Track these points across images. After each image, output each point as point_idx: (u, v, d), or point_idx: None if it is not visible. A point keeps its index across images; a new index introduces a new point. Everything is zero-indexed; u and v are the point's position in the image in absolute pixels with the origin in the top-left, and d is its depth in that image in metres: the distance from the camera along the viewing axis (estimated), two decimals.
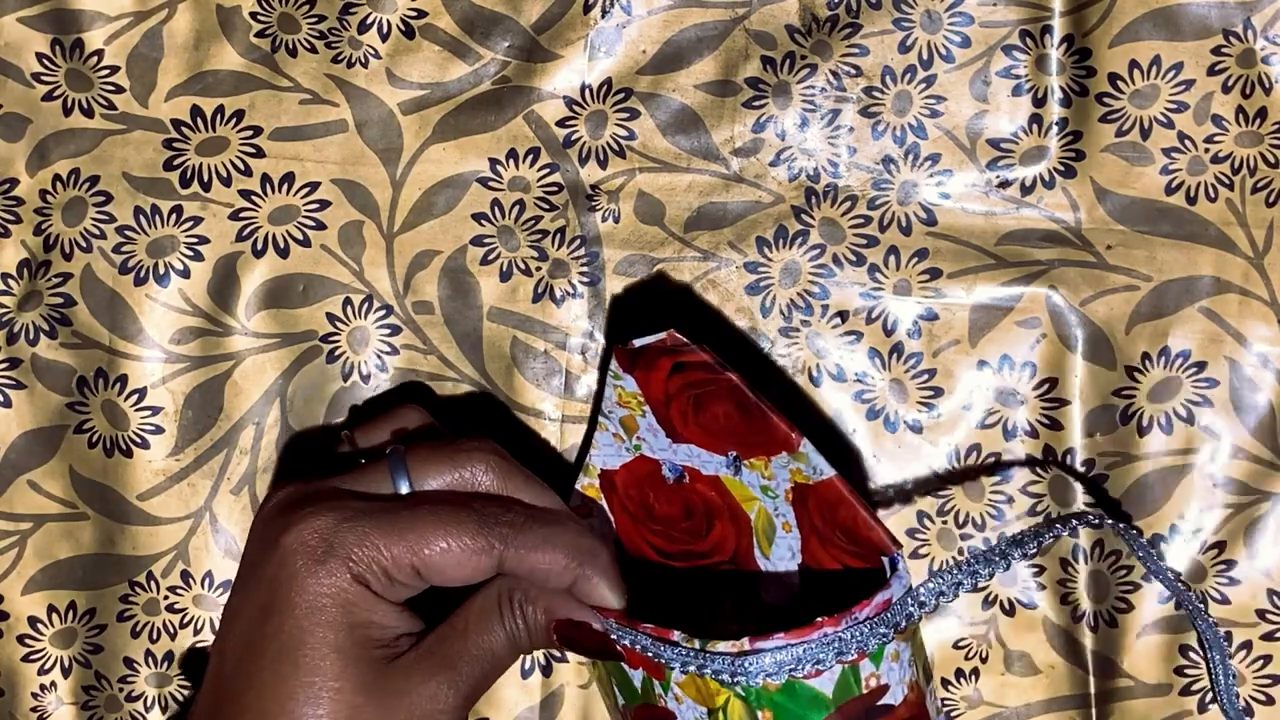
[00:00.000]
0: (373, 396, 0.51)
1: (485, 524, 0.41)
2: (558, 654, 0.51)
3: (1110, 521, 0.44)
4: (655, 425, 0.46)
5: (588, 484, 0.48)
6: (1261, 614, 0.50)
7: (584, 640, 0.42)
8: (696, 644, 0.39)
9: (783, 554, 0.46)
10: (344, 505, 0.41)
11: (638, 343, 0.45)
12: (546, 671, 0.52)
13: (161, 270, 0.51)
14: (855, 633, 0.39)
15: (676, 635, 0.39)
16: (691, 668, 0.39)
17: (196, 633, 0.52)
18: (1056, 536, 0.42)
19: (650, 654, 0.40)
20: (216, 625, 0.52)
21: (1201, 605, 0.48)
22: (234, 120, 0.51)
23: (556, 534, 0.42)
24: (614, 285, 0.51)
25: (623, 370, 0.45)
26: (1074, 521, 0.43)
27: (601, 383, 0.47)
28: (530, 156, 0.51)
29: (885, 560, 0.42)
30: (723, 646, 0.38)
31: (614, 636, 0.41)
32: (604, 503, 0.48)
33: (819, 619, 0.38)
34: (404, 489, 0.42)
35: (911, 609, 0.40)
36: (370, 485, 0.42)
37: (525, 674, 0.51)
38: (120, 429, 0.51)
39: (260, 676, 0.40)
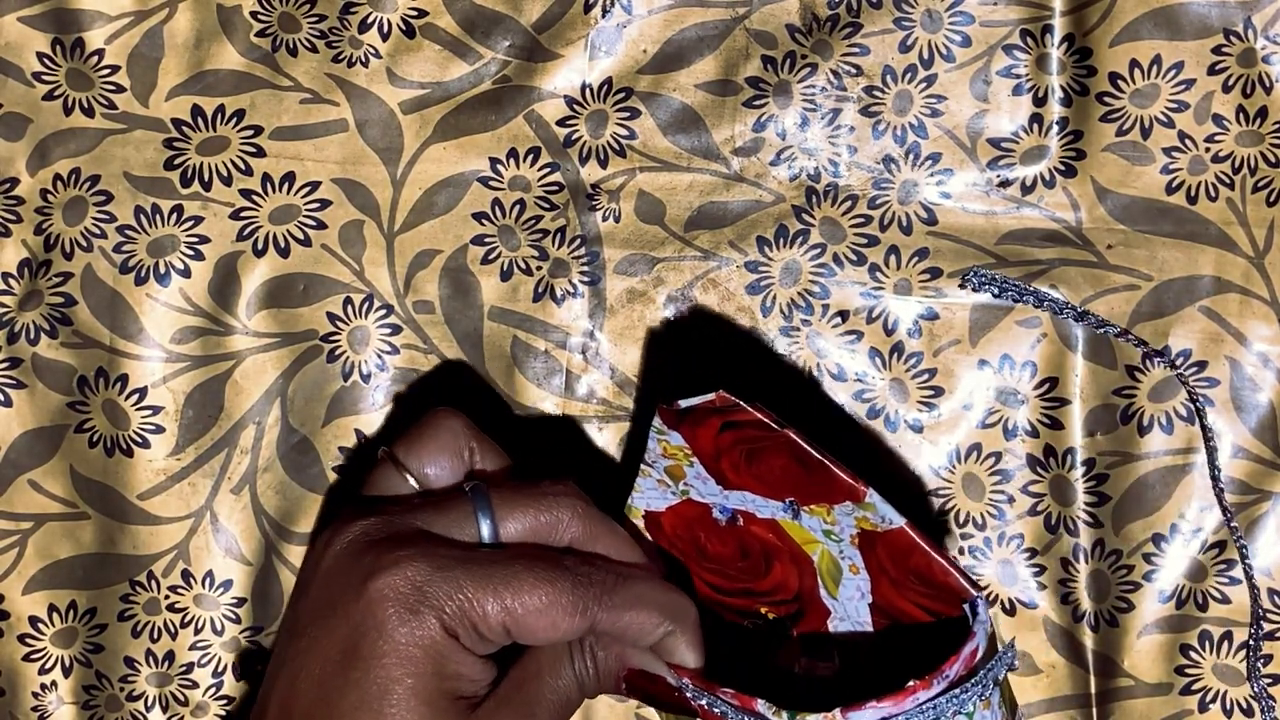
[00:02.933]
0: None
1: (579, 585, 0.40)
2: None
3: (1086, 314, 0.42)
4: (704, 474, 0.45)
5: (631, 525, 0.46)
6: (1263, 613, 0.50)
7: (656, 693, 0.41)
8: (784, 717, 0.37)
9: (851, 594, 0.44)
10: (434, 552, 0.39)
11: (684, 403, 0.43)
12: None
13: (162, 270, 0.51)
14: (950, 698, 0.37)
15: (760, 705, 0.38)
16: None
17: (197, 632, 0.52)
18: (1040, 303, 0.40)
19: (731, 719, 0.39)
20: (218, 626, 0.52)
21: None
22: (234, 120, 0.51)
23: (647, 593, 0.41)
24: (614, 285, 0.51)
25: (667, 427, 0.44)
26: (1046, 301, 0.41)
27: (643, 437, 0.46)
28: (531, 156, 0.51)
29: (966, 607, 0.40)
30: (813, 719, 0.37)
31: (689, 695, 0.40)
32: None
33: (911, 683, 0.37)
34: (487, 531, 0.41)
35: (1011, 660, 0.39)
36: (451, 524, 0.41)
37: None
38: (121, 428, 0.51)
39: None
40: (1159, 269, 0.50)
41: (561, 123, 0.51)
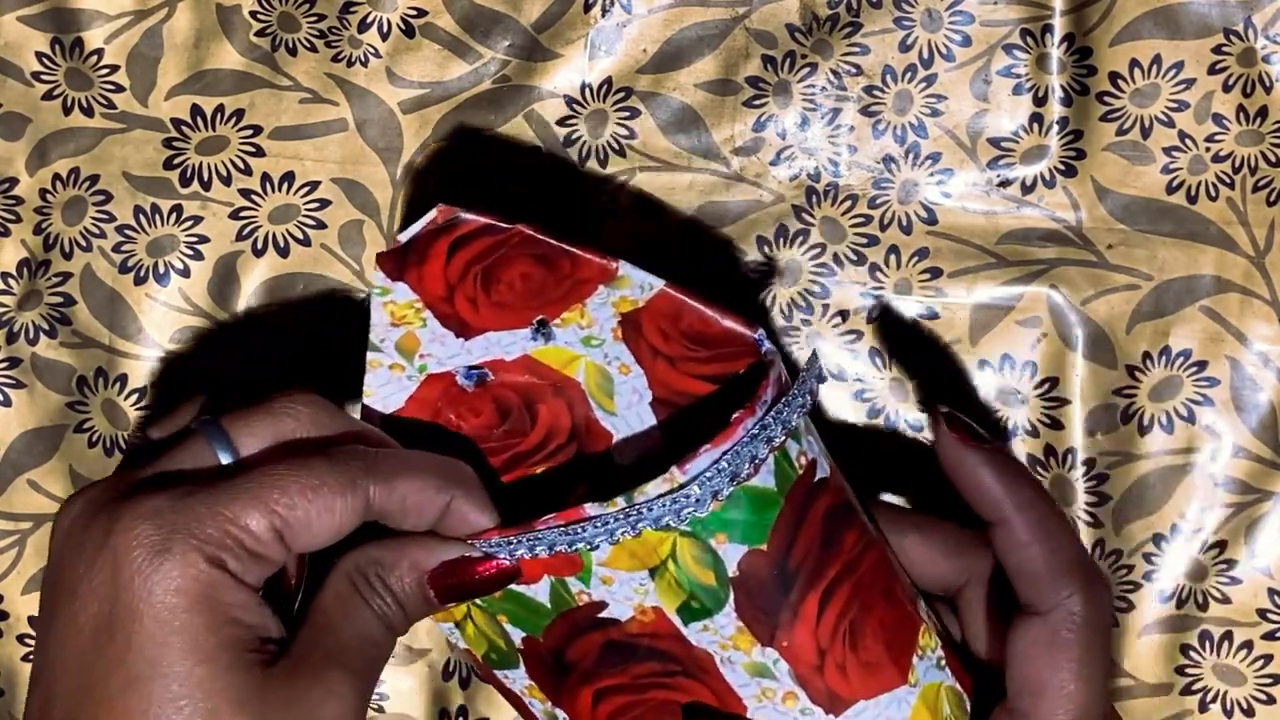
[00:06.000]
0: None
1: (339, 462, 0.35)
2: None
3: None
4: (440, 330, 0.41)
5: None
6: (1263, 613, 0.50)
7: (468, 580, 0.37)
8: (621, 502, 0.34)
9: (629, 400, 0.41)
10: (173, 488, 0.34)
11: (404, 236, 0.39)
12: None
13: (161, 269, 0.51)
14: (775, 415, 0.35)
15: (590, 508, 0.35)
16: (624, 532, 0.35)
17: None
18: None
19: (562, 548, 0.35)
20: None
21: None
22: (234, 119, 0.51)
23: (414, 459, 0.37)
24: None
25: (391, 280, 0.40)
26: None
27: (367, 313, 0.42)
28: (530, 156, 0.51)
29: (755, 340, 0.38)
30: (652, 489, 0.34)
31: (502, 557, 0.36)
32: None
33: (734, 415, 0.35)
34: (225, 456, 0.36)
35: (819, 371, 0.37)
36: (187, 462, 0.36)
37: None
38: (120, 428, 0.51)
39: (110, 715, 0.33)
40: (1159, 269, 0.50)
41: (561, 122, 0.51)
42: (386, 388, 0.42)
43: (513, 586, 0.37)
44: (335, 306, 0.51)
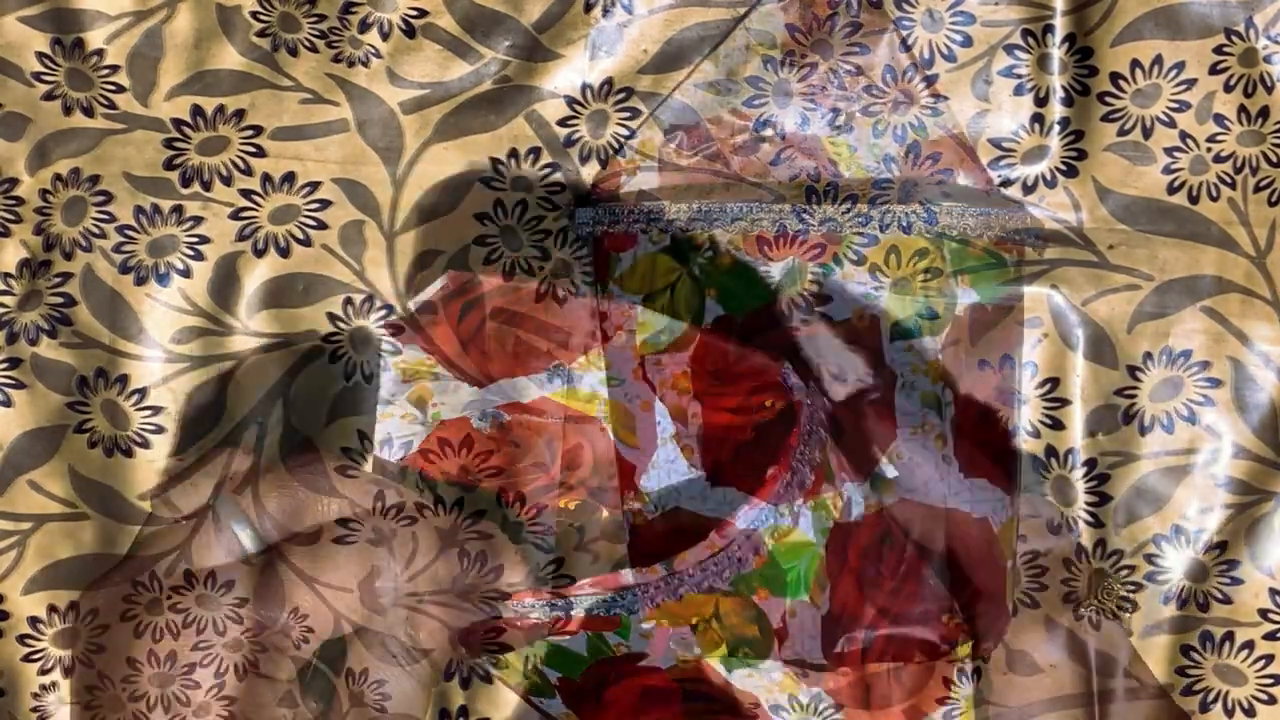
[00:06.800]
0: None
1: (361, 551, 0.36)
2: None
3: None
4: (453, 382, 0.42)
5: None
6: (1264, 613, 0.50)
7: (500, 639, 0.38)
8: (661, 569, 0.35)
9: (651, 435, 0.42)
10: (197, 585, 0.35)
11: (413, 305, 0.40)
12: None
13: (162, 270, 0.51)
14: (800, 459, 0.36)
15: (629, 575, 0.36)
16: (665, 598, 0.35)
17: (199, 632, 0.52)
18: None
19: (601, 611, 0.36)
20: (220, 626, 0.52)
21: None
22: (235, 119, 0.51)
23: (437, 531, 0.37)
24: (615, 285, 0.51)
25: (399, 342, 0.41)
26: None
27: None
28: (531, 156, 0.51)
29: (781, 376, 0.39)
30: (693, 556, 0.35)
31: (534, 616, 0.37)
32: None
33: (769, 472, 0.36)
34: (247, 539, 0.37)
35: (825, 404, 0.38)
36: (212, 549, 0.37)
37: None
38: (120, 429, 0.51)
39: None
40: (1160, 269, 0.50)
41: (562, 122, 0.51)
42: (400, 435, 0.42)
43: (548, 637, 0.38)
44: (335, 306, 0.51)
